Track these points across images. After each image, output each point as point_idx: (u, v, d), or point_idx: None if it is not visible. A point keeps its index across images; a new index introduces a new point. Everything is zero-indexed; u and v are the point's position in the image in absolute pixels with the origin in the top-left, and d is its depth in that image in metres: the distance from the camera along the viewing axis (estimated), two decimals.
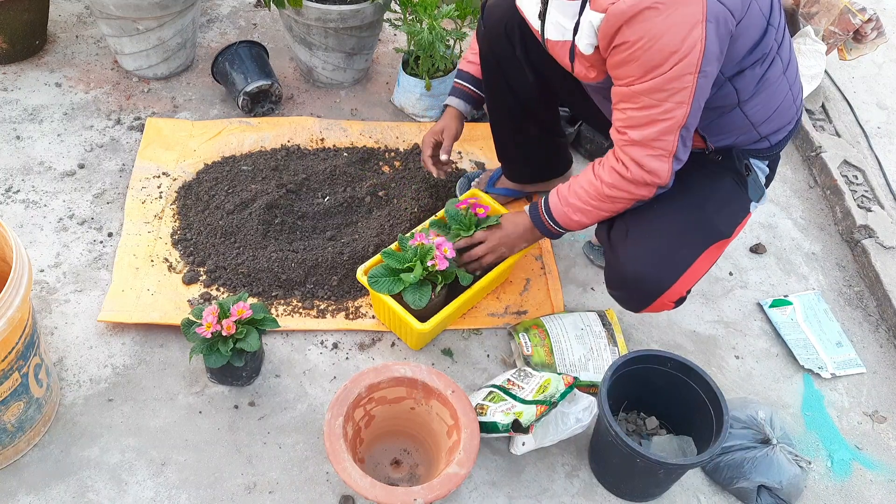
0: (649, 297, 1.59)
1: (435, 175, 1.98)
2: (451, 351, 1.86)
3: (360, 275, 1.76)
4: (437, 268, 1.67)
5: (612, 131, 1.51)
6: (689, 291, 1.63)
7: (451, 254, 1.70)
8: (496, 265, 1.82)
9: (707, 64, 1.32)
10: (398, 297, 1.73)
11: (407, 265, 1.71)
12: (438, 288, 1.73)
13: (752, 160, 1.63)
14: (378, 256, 1.77)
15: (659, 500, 1.65)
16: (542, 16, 1.54)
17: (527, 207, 1.74)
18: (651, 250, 1.56)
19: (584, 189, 1.58)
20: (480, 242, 1.79)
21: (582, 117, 2.21)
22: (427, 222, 1.92)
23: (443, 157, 1.93)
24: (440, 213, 1.91)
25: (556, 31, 1.51)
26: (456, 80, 1.95)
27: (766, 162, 1.67)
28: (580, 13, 1.41)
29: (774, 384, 1.91)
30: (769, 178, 1.69)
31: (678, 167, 1.48)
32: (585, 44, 1.43)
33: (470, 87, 1.92)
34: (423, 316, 1.72)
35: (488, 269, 1.85)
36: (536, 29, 1.59)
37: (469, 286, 1.77)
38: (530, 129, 1.97)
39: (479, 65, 1.88)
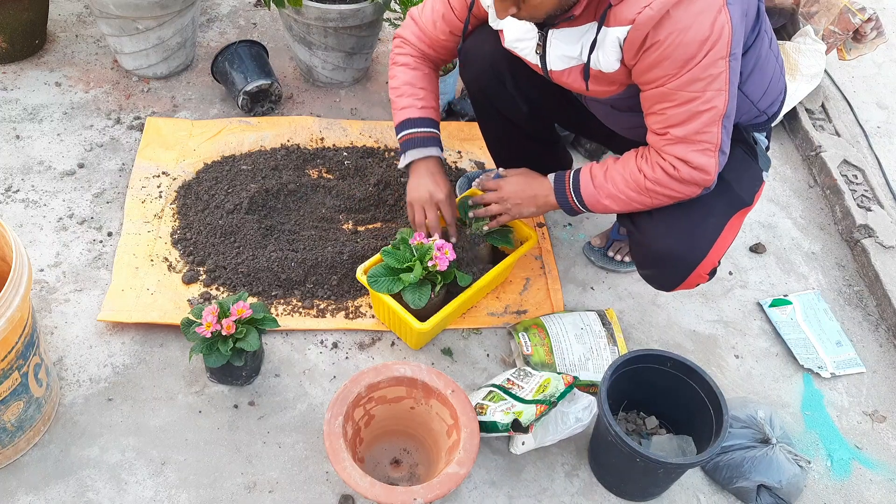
0: (683, 272, 1.58)
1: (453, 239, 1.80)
2: (451, 350, 1.86)
3: (360, 274, 1.76)
4: (437, 268, 1.67)
5: (649, 136, 1.48)
6: (720, 262, 1.62)
7: (451, 255, 1.70)
8: (501, 222, 1.77)
9: (735, 46, 1.34)
10: (398, 297, 1.73)
11: (406, 265, 1.71)
12: (438, 288, 1.73)
13: (754, 133, 1.64)
14: (378, 256, 1.77)
15: (659, 499, 1.65)
16: (542, 50, 1.53)
17: (551, 177, 1.67)
18: (678, 224, 1.55)
19: (622, 177, 1.53)
20: (495, 190, 1.75)
21: (578, 133, 2.20)
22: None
23: (453, 240, 1.79)
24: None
25: (561, 62, 1.51)
26: (422, 129, 1.74)
27: (765, 133, 1.69)
28: (597, 33, 1.41)
29: (774, 384, 1.91)
30: (767, 147, 1.71)
31: (724, 162, 1.45)
32: (611, 61, 1.42)
33: (438, 132, 1.78)
34: (422, 315, 1.72)
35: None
36: (535, 64, 1.58)
37: (468, 286, 1.77)
38: (527, 144, 1.95)
39: (434, 109, 1.76)
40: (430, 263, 1.68)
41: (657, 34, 1.32)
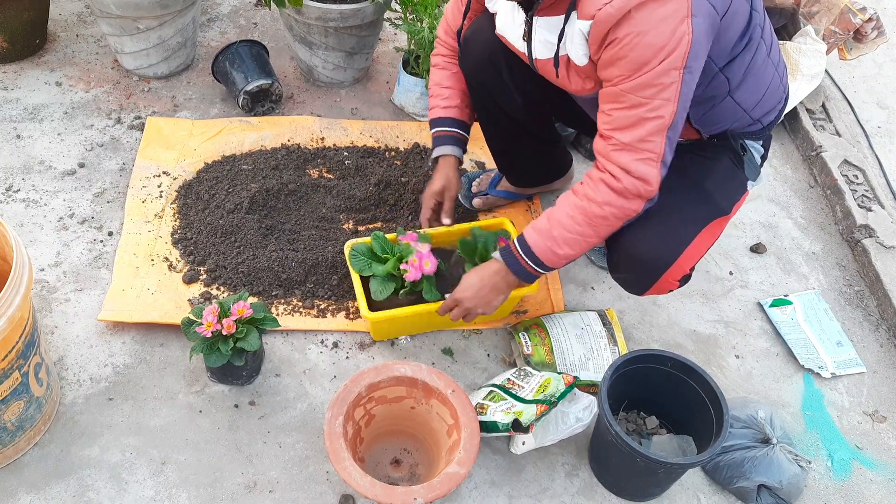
0: (652, 276, 1.59)
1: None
2: (452, 350, 1.86)
3: (347, 247, 1.78)
4: (405, 273, 1.68)
5: (596, 140, 1.47)
6: (692, 269, 1.62)
7: (430, 269, 1.70)
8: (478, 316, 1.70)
9: (693, 59, 1.33)
10: (367, 282, 1.74)
11: (385, 255, 1.72)
12: (402, 292, 1.73)
13: (746, 141, 1.64)
14: (369, 238, 1.78)
15: (659, 499, 1.65)
16: (528, 37, 1.53)
17: (496, 253, 1.62)
18: (651, 230, 1.54)
19: (568, 215, 1.49)
20: (456, 306, 1.66)
21: (578, 129, 2.20)
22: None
23: (445, 221, 1.84)
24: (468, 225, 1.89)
25: (544, 49, 1.52)
26: (440, 128, 1.83)
27: (761, 142, 1.68)
28: (564, 23, 1.42)
29: (774, 384, 1.91)
30: (764, 158, 1.70)
31: (664, 174, 1.44)
32: (580, 55, 1.43)
33: (459, 131, 1.83)
34: (387, 309, 1.73)
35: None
36: (522, 52, 1.59)
37: (436, 300, 1.73)
38: (526, 141, 1.95)
39: (458, 107, 1.82)
40: (402, 266, 1.69)
41: (617, 32, 1.32)
